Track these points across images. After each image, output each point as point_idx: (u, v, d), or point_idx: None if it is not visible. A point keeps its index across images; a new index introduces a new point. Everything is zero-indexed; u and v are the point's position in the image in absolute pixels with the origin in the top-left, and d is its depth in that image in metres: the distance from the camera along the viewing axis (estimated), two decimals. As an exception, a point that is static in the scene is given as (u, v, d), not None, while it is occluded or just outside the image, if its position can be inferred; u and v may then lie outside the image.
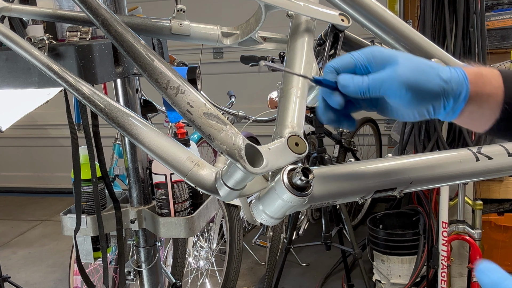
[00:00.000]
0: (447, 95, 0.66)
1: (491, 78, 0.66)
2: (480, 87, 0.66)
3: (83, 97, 0.79)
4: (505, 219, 2.91)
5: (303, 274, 3.22)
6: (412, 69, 0.65)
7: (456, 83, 0.65)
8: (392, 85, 0.65)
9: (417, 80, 0.65)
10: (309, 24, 0.97)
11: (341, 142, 3.38)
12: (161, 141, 0.77)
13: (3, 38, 0.84)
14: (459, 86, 0.65)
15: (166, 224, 1.25)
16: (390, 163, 0.83)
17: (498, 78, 0.66)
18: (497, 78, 0.66)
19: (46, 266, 3.61)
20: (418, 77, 0.65)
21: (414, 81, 0.65)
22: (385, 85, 0.66)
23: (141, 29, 1.02)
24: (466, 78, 0.65)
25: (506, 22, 2.89)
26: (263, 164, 0.71)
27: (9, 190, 5.12)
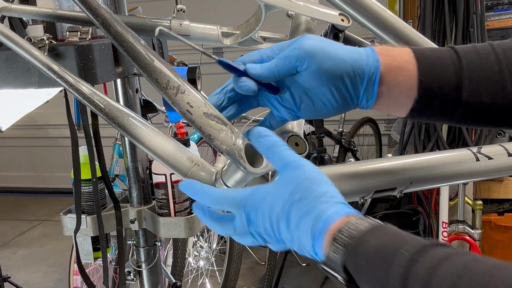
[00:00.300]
0: (359, 68, 0.63)
1: (400, 52, 0.65)
2: (390, 60, 0.64)
3: (83, 97, 0.79)
4: (505, 219, 2.91)
5: (303, 274, 3.22)
6: (317, 40, 0.64)
7: (365, 55, 0.64)
8: (299, 55, 0.64)
9: (323, 48, 0.63)
10: (309, 24, 0.97)
11: (341, 142, 3.38)
12: (161, 141, 0.77)
13: (3, 38, 0.84)
14: (369, 58, 0.63)
15: (166, 224, 1.25)
16: (390, 163, 0.83)
17: (408, 53, 0.64)
18: (408, 53, 0.64)
19: (46, 266, 3.61)
20: (324, 46, 0.64)
21: (320, 48, 0.63)
22: (291, 57, 0.64)
23: (141, 29, 1.02)
24: (375, 52, 0.64)
25: (506, 22, 2.89)
26: (263, 164, 0.71)
27: (9, 190, 5.12)
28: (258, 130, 0.66)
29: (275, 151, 0.62)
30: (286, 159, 0.61)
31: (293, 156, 0.61)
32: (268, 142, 0.64)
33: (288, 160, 0.61)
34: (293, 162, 0.60)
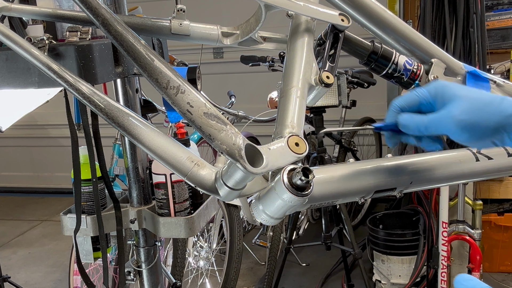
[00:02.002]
0: (510, 128, 0.65)
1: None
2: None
3: (83, 97, 0.79)
4: (505, 219, 2.91)
5: (303, 274, 3.22)
6: (468, 110, 0.65)
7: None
8: (447, 126, 0.66)
9: (473, 121, 0.65)
10: (309, 24, 0.97)
11: (341, 142, 3.38)
12: (161, 141, 0.77)
13: (3, 38, 0.84)
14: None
15: (166, 224, 1.25)
16: (390, 163, 0.83)
17: None
18: None
19: (46, 266, 3.61)
20: (473, 118, 0.65)
21: (469, 121, 0.65)
22: (441, 126, 0.67)
23: (141, 29, 1.02)
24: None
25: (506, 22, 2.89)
26: (263, 164, 0.71)
27: (9, 190, 5.13)
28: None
29: None
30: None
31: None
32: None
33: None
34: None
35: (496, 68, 2.64)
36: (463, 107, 0.66)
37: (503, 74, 2.64)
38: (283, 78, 0.89)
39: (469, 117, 0.65)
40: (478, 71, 1.04)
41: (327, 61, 0.91)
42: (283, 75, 0.90)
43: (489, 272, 2.96)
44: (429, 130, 0.69)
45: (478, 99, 0.66)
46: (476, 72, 1.03)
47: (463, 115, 0.65)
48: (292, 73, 0.88)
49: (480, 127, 0.65)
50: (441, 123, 0.67)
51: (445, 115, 0.67)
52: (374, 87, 2.88)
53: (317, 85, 0.87)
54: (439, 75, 1.02)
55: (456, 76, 1.03)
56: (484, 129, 0.65)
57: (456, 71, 1.03)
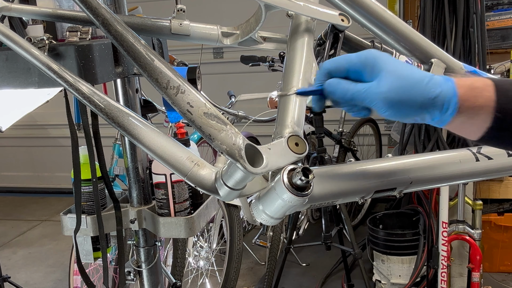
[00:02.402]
0: (432, 110, 0.65)
1: (482, 89, 0.65)
2: (471, 101, 0.65)
3: (83, 96, 0.79)
4: (505, 219, 2.91)
5: (303, 274, 3.22)
6: (396, 88, 0.65)
7: (442, 99, 0.65)
8: (373, 100, 0.66)
9: (399, 99, 0.65)
10: (309, 24, 0.97)
11: (341, 142, 3.38)
12: (161, 141, 0.77)
13: (3, 38, 0.84)
14: (446, 102, 0.65)
15: (166, 224, 1.25)
16: (390, 163, 0.83)
17: (490, 89, 0.65)
18: (490, 89, 0.65)
19: (46, 266, 3.61)
20: (400, 96, 0.65)
21: (396, 99, 0.65)
22: (367, 99, 0.66)
23: (141, 29, 1.02)
24: (455, 94, 0.65)
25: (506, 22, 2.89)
26: (263, 164, 0.71)
27: (9, 190, 5.12)
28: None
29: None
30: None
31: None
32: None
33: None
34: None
35: (496, 68, 2.64)
36: (391, 85, 0.65)
37: (503, 74, 2.64)
38: (283, 78, 0.89)
39: (396, 95, 0.65)
40: (478, 71, 1.04)
41: (327, 61, 0.91)
42: (283, 75, 0.90)
43: (489, 272, 2.96)
44: (354, 100, 0.68)
45: (406, 78, 0.65)
46: (476, 72, 1.03)
47: (390, 93, 0.65)
48: (292, 73, 0.88)
49: (405, 106, 0.65)
50: (368, 97, 0.66)
51: (372, 89, 0.66)
52: (374, 87, 2.87)
53: (317, 85, 0.87)
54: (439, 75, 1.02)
55: (456, 76, 1.03)
56: (409, 107, 0.65)
57: (456, 71, 1.03)
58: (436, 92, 0.65)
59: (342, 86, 0.68)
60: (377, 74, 0.66)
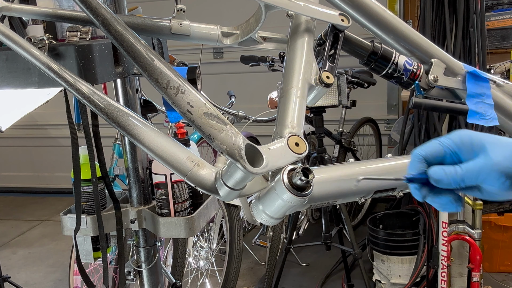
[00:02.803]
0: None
1: None
2: None
3: (83, 96, 0.79)
4: (505, 219, 2.91)
5: (303, 274, 3.22)
6: (507, 156, 0.63)
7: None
8: (489, 175, 0.63)
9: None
10: (309, 24, 0.97)
11: (341, 142, 3.38)
12: (161, 141, 0.77)
13: (3, 38, 0.84)
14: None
15: (166, 224, 1.25)
16: (390, 163, 0.83)
17: None
18: None
19: (46, 266, 3.61)
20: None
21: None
22: (482, 175, 0.64)
23: (141, 29, 1.02)
24: None
25: (506, 22, 2.89)
26: (263, 164, 0.71)
27: (9, 190, 5.12)
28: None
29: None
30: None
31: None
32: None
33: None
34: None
35: (496, 68, 2.64)
36: (504, 154, 0.63)
37: (503, 74, 2.64)
38: (283, 78, 0.89)
39: (511, 163, 0.63)
40: (478, 71, 1.04)
41: (327, 61, 0.91)
42: (283, 75, 0.90)
43: (489, 272, 2.96)
44: (466, 181, 0.65)
45: (511, 145, 0.64)
46: (476, 72, 1.03)
47: (506, 162, 0.63)
48: (292, 73, 0.88)
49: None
50: (482, 172, 0.64)
51: (485, 163, 0.63)
52: (374, 87, 2.88)
53: (317, 85, 0.87)
54: (439, 75, 1.02)
55: (456, 76, 1.03)
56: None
57: (456, 71, 1.03)
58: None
59: (449, 171, 0.65)
60: (480, 149, 0.65)
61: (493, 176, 0.63)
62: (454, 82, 1.03)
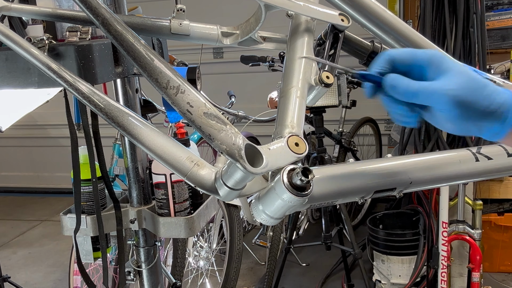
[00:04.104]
0: (493, 119, 0.64)
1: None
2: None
3: (83, 96, 0.79)
4: (505, 219, 2.91)
5: (303, 274, 3.22)
6: (464, 87, 0.64)
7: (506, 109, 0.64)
8: (441, 98, 0.64)
9: (467, 99, 0.63)
10: (309, 24, 0.97)
11: (341, 142, 3.38)
12: (161, 141, 0.77)
13: (3, 37, 0.84)
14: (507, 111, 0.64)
15: (166, 224, 1.25)
16: (390, 163, 0.83)
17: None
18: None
19: (46, 266, 3.61)
20: (468, 96, 0.64)
21: (464, 99, 0.63)
22: (433, 96, 0.65)
23: (140, 28, 1.02)
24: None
25: (506, 22, 2.89)
26: (263, 164, 0.71)
27: (9, 190, 5.13)
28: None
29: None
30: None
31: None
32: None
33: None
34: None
35: (496, 68, 2.64)
36: (461, 83, 0.64)
37: (503, 74, 2.64)
38: (283, 78, 0.88)
39: (465, 94, 0.63)
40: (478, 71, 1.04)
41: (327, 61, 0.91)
42: (283, 75, 0.90)
43: (489, 272, 2.96)
44: (417, 97, 0.66)
45: (475, 80, 0.65)
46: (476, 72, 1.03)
47: (459, 91, 0.63)
48: (292, 73, 0.88)
49: (470, 109, 0.64)
50: (434, 94, 0.64)
51: (440, 86, 0.64)
52: (374, 87, 2.87)
53: (317, 85, 0.87)
54: (439, 75, 1.02)
55: (456, 76, 1.03)
56: (473, 110, 0.64)
57: (456, 71, 1.03)
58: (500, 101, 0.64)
59: (405, 81, 0.66)
60: (444, 72, 0.65)
61: (443, 100, 0.64)
62: None
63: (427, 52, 0.68)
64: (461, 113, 0.64)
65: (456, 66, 0.66)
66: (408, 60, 0.68)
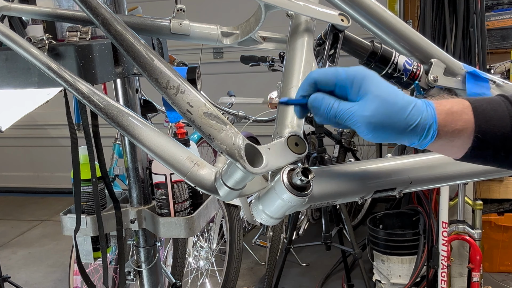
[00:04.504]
0: (412, 136, 0.66)
1: (461, 113, 0.66)
2: (451, 126, 0.66)
3: (83, 96, 0.79)
4: (505, 219, 2.91)
5: (303, 274, 3.22)
6: (380, 112, 0.65)
7: (423, 126, 0.65)
8: (356, 122, 0.66)
9: (381, 124, 0.65)
10: (309, 24, 0.97)
11: (341, 142, 3.38)
12: (161, 141, 0.77)
13: (3, 37, 0.84)
14: (425, 129, 0.65)
15: (166, 224, 1.25)
16: (390, 163, 0.83)
17: (469, 111, 0.66)
18: (468, 112, 0.66)
19: (46, 266, 3.61)
20: (383, 121, 0.65)
21: (379, 124, 0.65)
22: (350, 120, 0.66)
23: (140, 28, 1.02)
24: (435, 121, 0.66)
25: (506, 22, 2.89)
26: (263, 164, 0.71)
27: (9, 190, 5.12)
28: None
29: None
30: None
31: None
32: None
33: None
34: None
35: (496, 68, 2.64)
36: (375, 110, 0.65)
37: (503, 74, 2.64)
38: (283, 78, 0.89)
39: (379, 121, 0.65)
40: (478, 71, 1.04)
41: (327, 61, 0.92)
42: (283, 75, 0.90)
43: (489, 272, 2.96)
44: (337, 119, 0.67)
45: (391, 104, 0.65)
46: (475, 72, 1.03)
47: (373, 118, 0.65)
48: (292, 73, 0.88)
49: (386, 131, 0.65)
50: (351, 118, 0.66)
51: (356, 111, 0.66)
52: (374, 87, 2.87)
53: (317, 85, 0.87)
54: (439, 75, 1.02)
55: (455, 76, 1.03)
56: (389, 133, 0.66)
57: (455, 71, 1.04)
58: (417, 120, 0.65)
59: (326, 102, 0.68)
60: (363, 95, 0.66)
61: (359, 125, 0.66)
62: (454, 82, 1.03)
63: (349, 71, 0.68)
64: (377, 135, 0.66)
65: (375, 88, 0.66)
66: (331, 81, 0.69)
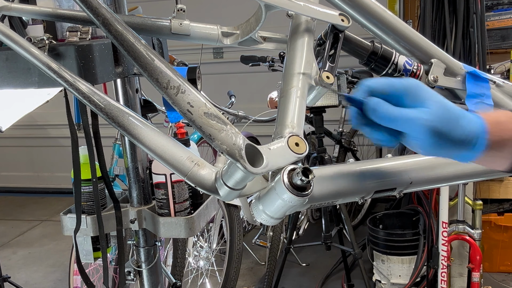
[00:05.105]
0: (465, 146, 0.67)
1: (508, 123, 0.67)
2: (499, 135, 0.67)
3: (83, 96, 0.79)
4: (505, 219, 2.91)
5: (303, 274, 3.22)
6: (441, 117, 0.66)
7: (474, 137, 0.66)
8: (417, 126, 0.66)
9: (443, 130, 0.65)
10: (309, 24, 0.97)
11: (341, 142, 3.38)
12: (161, 141, 0.77)
13: (3, 37, 0.84)
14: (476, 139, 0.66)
15: (166, 224, 1.25)
16: (390, 163, 0.83)
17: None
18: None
19: (46, 266, 3.61)
20: (444, 127, 0.65)
21: (440, 129, 0.65)
22: (410, 124, 0.66)
23: (141, 28, 1.02)
24: (485, 131, 0.66)
25: (506, 22, 2.89)
26: (263, 164, 0.71)
27: (9, 190, 5.12)
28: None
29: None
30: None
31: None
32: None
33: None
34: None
35: (496, 68, 2.64)
36: (437, 113, 0.66)
37: (503, 74, 2.64)
38: (283, 78, 0.89)
39: (440, 125, 0.65)
40: (478, 71, 1.04)
41: (327, 61, 0.92)
42: (283, 75, 0.90)
43: (489, 272, 2.96)
44: (395, 123, 0.67)
45: (452, 110, 0.67)
46: (475, 73, 1.03)
47: (436, 122, 0.65)
48: (292, 73, 0.88)
49: (444, 137, 0.66)
50: (412, 122, 0.66)
51: (417, 114, 0.66)
52: (374, 87, 2.87)
53: (317, 85, 0.87)
54: (439, 75, 1.02)
55: (455, 76, 1.03)
56: (446, 140, 0.66)
57: (455, 71, 1.04)
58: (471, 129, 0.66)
59: (385, 106, 0.68)
60: (422, 102, 0.67)
61: (419, 129, 0.66)
62: (454, 82, 1.03)
63: (403, 82, 0.69)
64: (435, 142, 0.66)
65: (434, 96, 0.68)
66: (385, 89, 0.69)
